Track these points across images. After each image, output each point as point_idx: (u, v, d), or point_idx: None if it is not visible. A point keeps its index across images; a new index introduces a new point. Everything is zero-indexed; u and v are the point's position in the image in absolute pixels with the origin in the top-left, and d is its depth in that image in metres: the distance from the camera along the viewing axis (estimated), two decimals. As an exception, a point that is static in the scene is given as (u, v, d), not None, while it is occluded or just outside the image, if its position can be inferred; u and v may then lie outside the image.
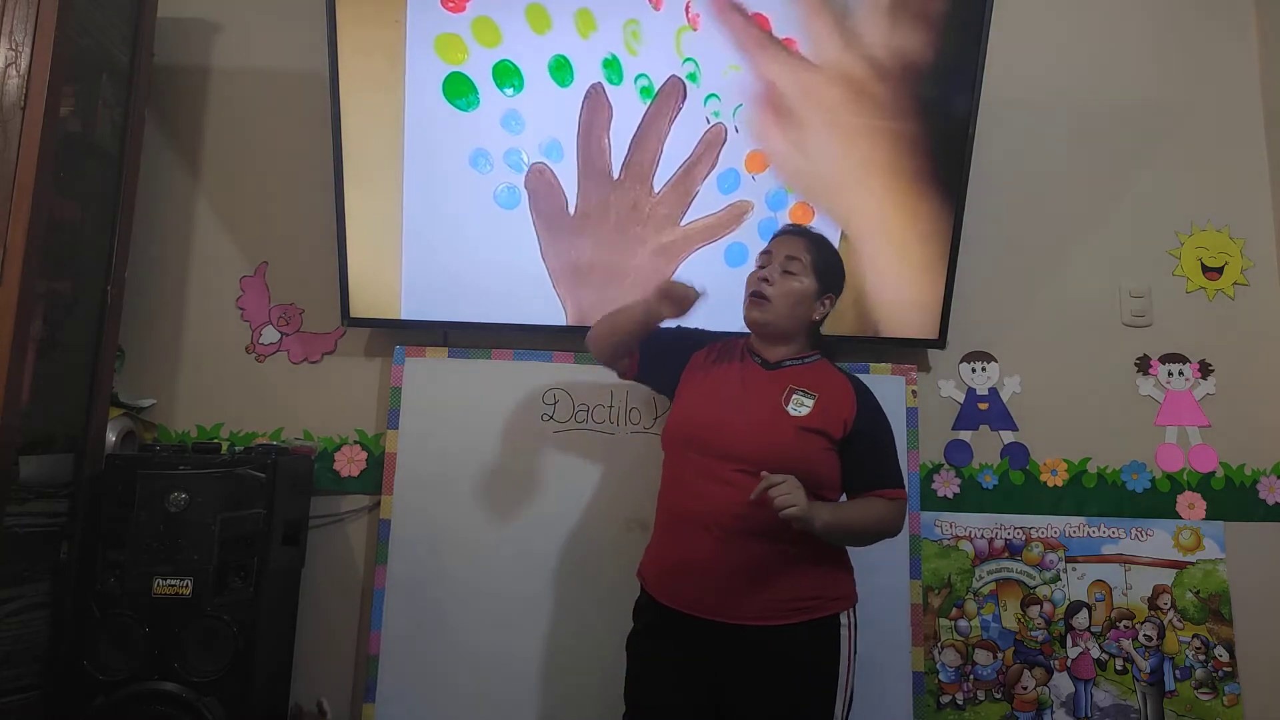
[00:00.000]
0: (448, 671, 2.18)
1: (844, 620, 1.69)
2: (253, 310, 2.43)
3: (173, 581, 1.92)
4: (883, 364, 2.35)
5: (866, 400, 1.80)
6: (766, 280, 1.80)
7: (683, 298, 1.76)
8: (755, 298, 1.80)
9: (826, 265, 1.84)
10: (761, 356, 1.82)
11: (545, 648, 2.19)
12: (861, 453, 1.74)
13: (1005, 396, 2.44)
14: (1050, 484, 2.39)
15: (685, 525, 1.69)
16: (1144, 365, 2.46)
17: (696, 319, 1.85)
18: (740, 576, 1.63)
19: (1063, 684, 2.29)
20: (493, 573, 2.22)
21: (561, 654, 2.18)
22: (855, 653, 1.69)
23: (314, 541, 2.28)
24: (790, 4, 2.22)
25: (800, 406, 1.72)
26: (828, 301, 1.85)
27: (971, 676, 2.29)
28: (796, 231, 1.90)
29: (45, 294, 1.96)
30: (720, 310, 1.86)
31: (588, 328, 2.28)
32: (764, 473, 1.57)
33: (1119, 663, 2.30)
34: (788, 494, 1.54)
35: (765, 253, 1.86)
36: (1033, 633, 2.31)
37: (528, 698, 2.18)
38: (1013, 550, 2.35)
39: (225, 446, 2.27)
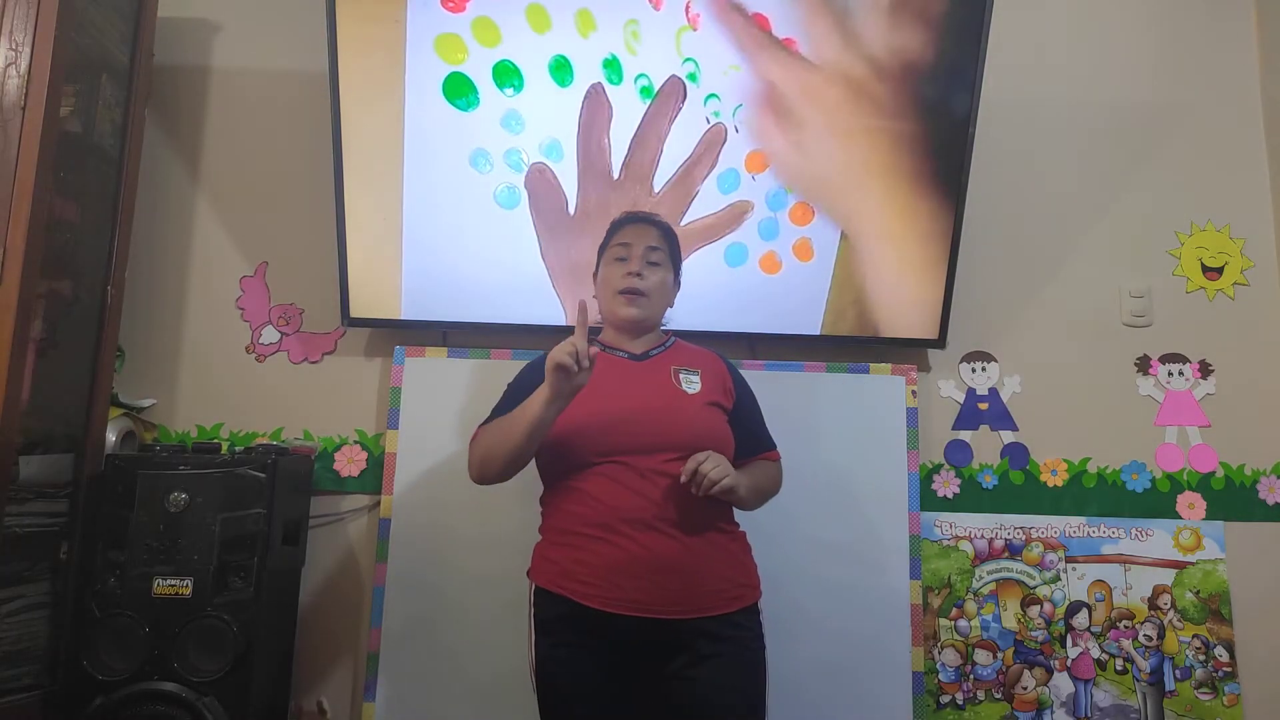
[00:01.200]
0: (448, 671, 2.18)
1: (759, 608, 1.68)
2: (253, 310, 2.43)
3: (173, 581, 1.92)
4: (883, 364, 2.35)
5: (732, 366, 1.84)
6: (640, 275, 1.74)
7: (572, 360, 1.52)
8: (631, 294, 1.73)
9: (676, 252, 1.84)
10: (625, 350, 1.77)
11: (545, 648, 2.19)
12: (745, 418, 1.78)
13: (1005, 396, 2.44)
14: (1050, 484, 2.39)
15: (624, 526, 1.57)
16: (1144, 365, 2.46)
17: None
18: (691, 570, 1.59)
19: (1063, 684, 2.29)
20: (492, 572, 2.21)
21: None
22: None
23: (314, 541, 2.28)
24: (790, 4, 2.22)
25: (691, 384, 1.71)
26: (676, 288, 1.85)
27: (971, 676, 2.29)
28: (646, 220, 1.84)
29: (45, 294, 1.96)
30: (722, 310, 1.86)
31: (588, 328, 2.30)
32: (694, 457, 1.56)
33: (1119, 663, 2.30)
34: (717, 466, 1.54)
35: (621, 244, 1.78)
36: (1033, 633, 2.31)
37: (528, 697, 2.17)
38: (1013, 550, 2.35)
39: (225, 446, 2.28)
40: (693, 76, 2.26)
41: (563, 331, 2.30)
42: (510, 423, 1.64)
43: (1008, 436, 2.42)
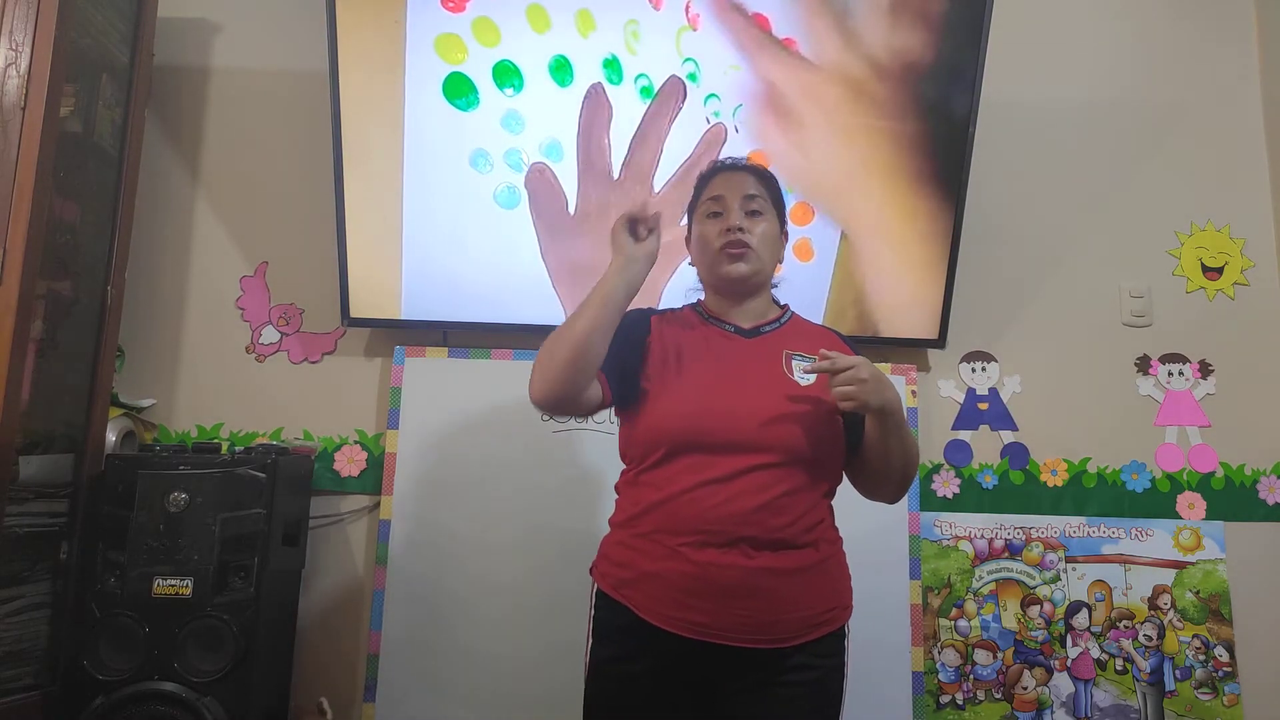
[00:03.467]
0: (448, 671, 2.18)
1: (846, 630, 1.50)
2: (253, 310, 2.43)
3: (173, 581, 1.92)
4: (883, 364, 2.35)
5: (853, 346, 1.58)
6: (741, 229, 1.50)
7: (644, 217, 1.45)
8: (736, 248, 1.49)
9: (779, 197, 1.60)
10: (733, 324, 1.54)
11: (545, 648, 2.19)
12: None
13: (1005, 396, 2.44)
14: (1050, 484, 2.39)
15: (696, 537, 1.38)
16: (1144, 365, 2.46)
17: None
18: (768, 595, 1.38)
19: (1063, 684, 2.29)
20: (493, 572, 2.22)
21: (562, 654, 2.18)
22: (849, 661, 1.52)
23: (314, 541, 2.28)
24: (790, 4, 2.22)
25: (806, 374, 1.47)
26: (784, 239, 1.61)
27: (971, 676, 2.29)
28: (738, 165, 1.60)
29: (45, 294, 1.96)
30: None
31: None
32: (822, 352, 1.37)
33: (1119, 663, 2.30)
34: (871, 377, 1.34)
35: (713, 198, 1.55)
36: (1033, 633, 2.31)
37: (528, 697, 2.18)
38: (1013, 550, 2.35)
39: (225, 446, 2.27)
40: (693, 76, 2.26)
41: (563, 331, 2.31)
42: (577, 308, 1.42)
43: (1008, 436, 2.42)
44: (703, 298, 1.62)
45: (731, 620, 1.37)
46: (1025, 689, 2.29)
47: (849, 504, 2.27)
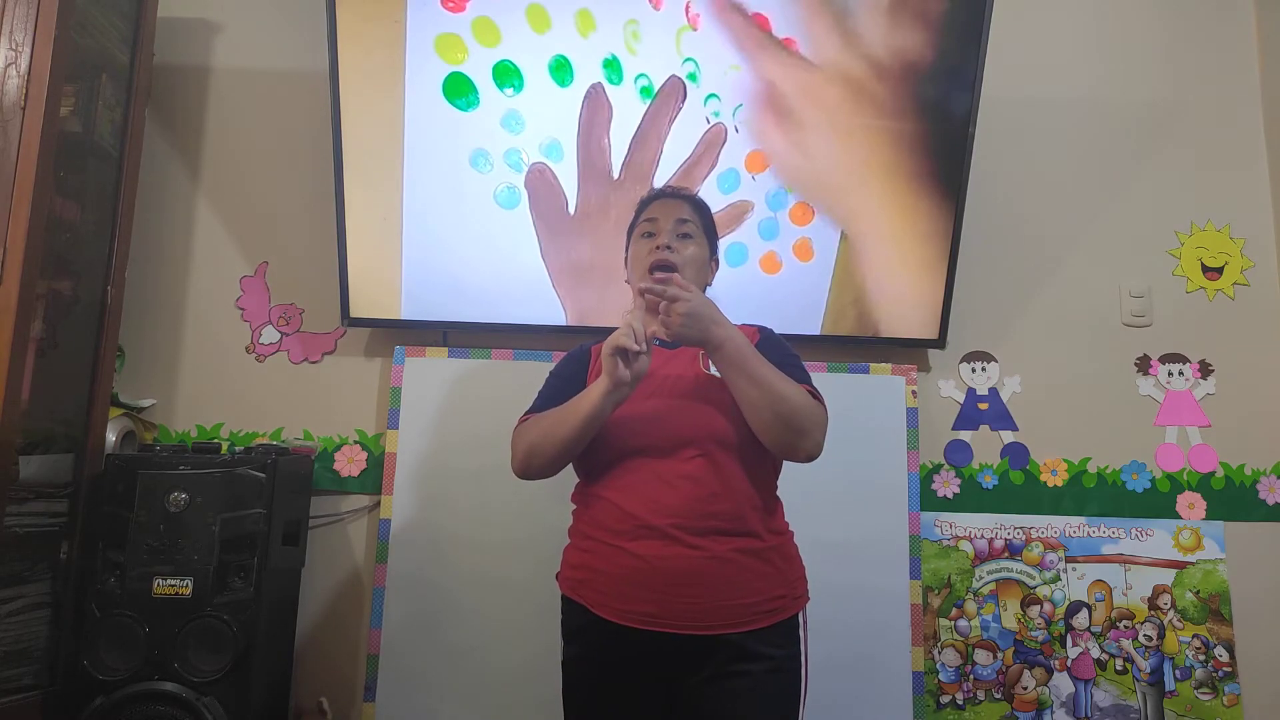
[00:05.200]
0: (448, 671, 2.18)
1: (800, 620, 1.55)
2: (253, 310, 2.43)
3: (173, 581, 1.92)
4: (883, 364, 2.35)
5: (767, 332, 1.66)
6: (669, 248, 1.60)
7: (634, 349, 1.44)
8: (662, 269, 1.57)
9: (710, 226, 1.71)
10: (658, 338, 1.57)
11: (545, 648, 2.18)
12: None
13: (1005, 396, 2.44)
14: (1050, 484, 2.39)
15: (639, 532, 1.46)
16: (1144, 365, 2.46)
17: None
18: (712, 582, 1.44)
19: (1063, 684, 2.29)
20: (492, 572, 2.22)
21: (561, 653, 2.18)
22: (808, 652, 1.57)
23: (314, 541, 2.28)
24: (790, 4, 2.22)
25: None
26: (714, 266, 1.72)
27: (971, 676, 2.29)
28: (674, 194, 1.71)
29: (45, 294, 1.96)
30: (722, 310, 1.84)
31: (588, 328, 2.30)
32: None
33: (1119, 663, 2.30)
34: (685, 294, 1.43)
35: (648, 220, 1.66)
36: (1033, 633, 2.31)
37: (528, 697, 2.18)
38: (1013, 550, 2.35)
39: (225, 446, 2.27)
40: (693, 76, 2.26)
41: (563, 331, 2.31)
42: (563, 414, 1.52)
43: (1008, 436, 2.42)
44: None
45: (677, 608, 1.43)
46: (1025, 689, 2.29)
47: (849, 504, 2.28)
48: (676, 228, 1.63)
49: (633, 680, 1.48)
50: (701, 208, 1.71)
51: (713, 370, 1.53)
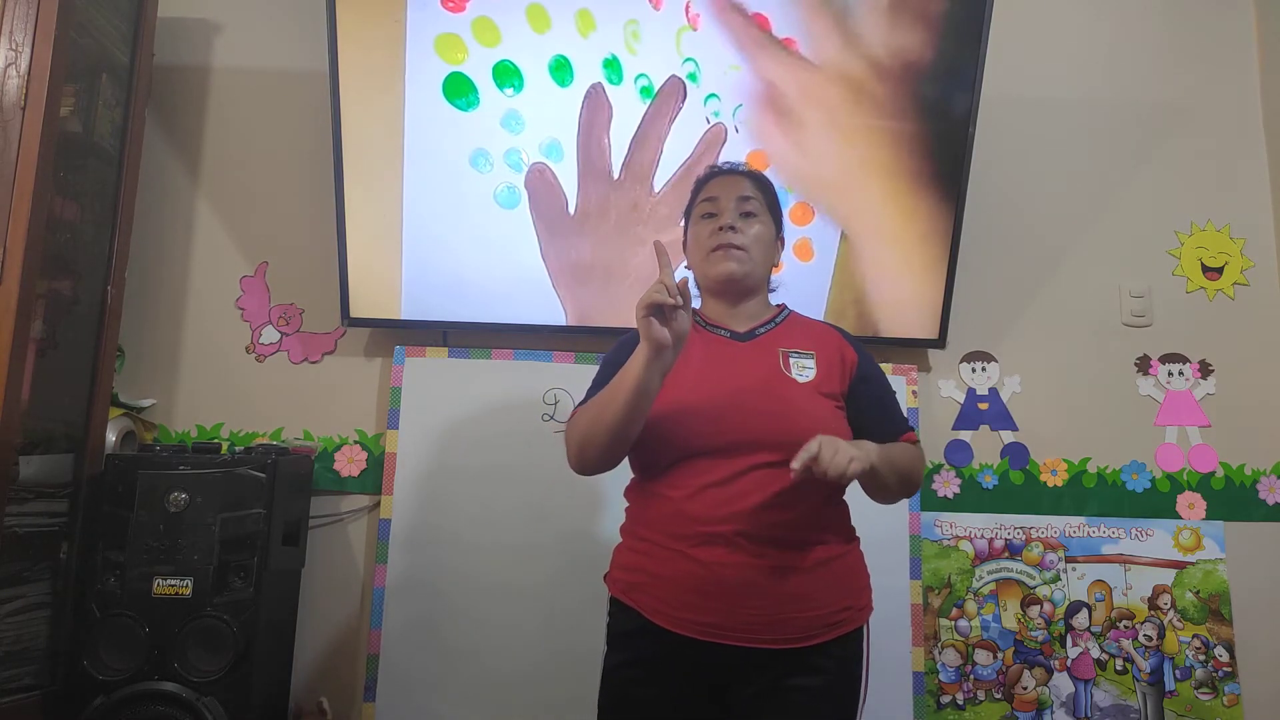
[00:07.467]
0: (448, 671, 2.18)
1: (864, 631, 1.49)
2: (253, 310, 2.43)
3: (173, 581, 1.92)
4: (883, 364, 2.33)
5: (856, 342, 1.58)
6: (733, 228, 1.50)
7: (667, 303, 1.32)
8: (727, 249, 1.49)
9: (774, 202, 1.60)
10: (727, 329, 1.53)
11: (546, 648, 2.19)
12: (874, 399, 1.52)
13: (1005, 396, 2.44)
14: (1050, 484, 2.39)
15: (702, 538, 1.38)
16: (1144, 365, 2.46)
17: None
18: (778, 595, 1.37)
19: (1063, 684, 2.29)
20: (493, 572, 2.22)
21: (562, 654, 2.18)
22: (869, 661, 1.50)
23: (314, 541, 2.28)
24: (790, 4, 2.22)
25: (804, 370, 1.47)
26: (780, 244, 1.61)
27: (971, 676, 2.29)
28: (734, 170, 1.61)
29: (45, 294, 1.96)
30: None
31: (588, 328, 2.30)
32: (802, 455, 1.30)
33: (1119, 663, 2.30)
34: (835, 451, 1.26)
35: (708, 199, 1.55)
36: (1033, 633, 2.31)
37: (528, 697, 2.18)
38: (1013, 550, 2.35)
39: (225, 446, 2.27)
40: (693, 76, 2.26)
41: (563, 332, 2.31)
42: (609, 394, 1.39)
43: (1008, 436, 2.42)
44: (700, 305, 1.60)
45: (740, 620, 1.36)
46: (1025, 689, 2.29)
47: (850, 505, 2.28)
48: (739, 206, 1.52)
49: (683, 691, 1.40)
50: (764, 183, 1.60)
51: (793, 374, 1.47)
